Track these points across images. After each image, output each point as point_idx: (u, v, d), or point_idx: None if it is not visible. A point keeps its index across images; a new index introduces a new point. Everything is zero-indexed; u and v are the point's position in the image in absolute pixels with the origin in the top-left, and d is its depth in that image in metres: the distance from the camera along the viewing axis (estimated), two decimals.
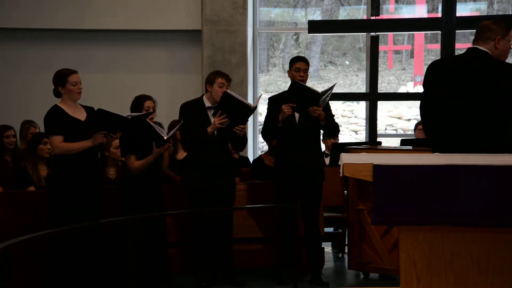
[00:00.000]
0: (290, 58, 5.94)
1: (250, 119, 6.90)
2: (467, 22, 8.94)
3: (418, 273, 3.32)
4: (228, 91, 5.49)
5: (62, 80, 5.13)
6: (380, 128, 9.42)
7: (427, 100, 4.23)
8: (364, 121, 9.56)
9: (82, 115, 5.18)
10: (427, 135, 4.34)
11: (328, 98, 5.68)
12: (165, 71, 8.87)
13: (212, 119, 5.53)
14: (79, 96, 5.17)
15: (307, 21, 9.07)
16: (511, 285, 3.23)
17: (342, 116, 10.42)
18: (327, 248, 7.05)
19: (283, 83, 9.97)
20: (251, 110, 5.52)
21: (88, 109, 5.25)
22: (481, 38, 4.09)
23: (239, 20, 8.63)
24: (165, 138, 5.20)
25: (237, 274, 5.76)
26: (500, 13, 9.35)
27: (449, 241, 3.30)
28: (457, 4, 8.61)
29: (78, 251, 5.04)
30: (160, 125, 5.63)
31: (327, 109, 5.73)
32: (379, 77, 9.14)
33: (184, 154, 6.55)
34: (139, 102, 5.40)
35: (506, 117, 3.95)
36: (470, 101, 3.96)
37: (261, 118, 8.02)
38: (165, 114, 6.87)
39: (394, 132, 9.83)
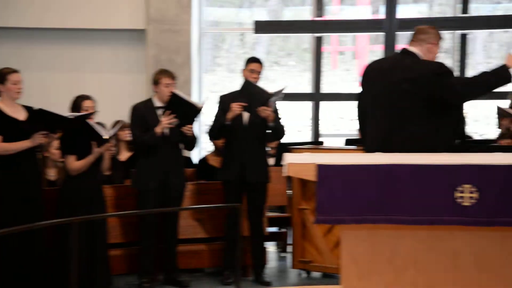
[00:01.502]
0: (247, 58, 5.95)
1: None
2: (409, 23, 9.10)
3: (359, 271, 3.36)
4: (176, 91, 5.47)
5: (2, 78, 5.02)
6: (326, 128, 9.50)
7: (361, 101, 4.27)
8: (309, 121, 9.63)
9: (21, 115, 5.07)
10: (361, 136, 4.37)
11: (278, 99, 5.71)
12: (109, 70, 8.76)
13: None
14: (18, 96, 5.06)
15: (253, 21, 9.10)
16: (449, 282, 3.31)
17: (287, 116, 10.46)
18: (270, 247, 7.08)
19: (229, 83, 9.96)
20: (198, 110, 5.50)
21: (28, 108, 5.14)
22: (416, 39, 4.13)
23: (184, 19, 8.59)
24: (105, 137, 5.13)
25: (181, 275, 5.73)
26: (440, 15, 9.54)
27: (389, 239, 3.35)
28: (399, 6, 8.76)
29: (17, 254, 4.92)
30: (102, 125, 5.56)
31: (276, 111, 5.75)
32: (324, 78, 9.22)
33: (127, 154, 6.48)
34: (77, 102, 5.32)
35: (434, 121, 3.94)
36: (398, 102, 3.97)
37: (206, 119, 8.00)
38: (109, 114, 6.78)
39: (340, 132, 9.94)
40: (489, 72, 3.93)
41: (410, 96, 3.90)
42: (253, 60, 5.85)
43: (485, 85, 3.92)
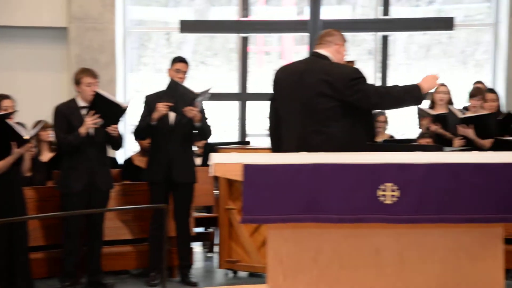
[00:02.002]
0: (173, 58, 5.90)
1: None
2: (332, 25, 9.25)
3: (285, 269, 3.39)
4: (100, 90, 5.38)
5: None
6: (253, 128, 9.54)
7: (273, 104, 4.31)
8: (236, 121, 9.66)
9: None
10: (271, 138, 4.39)
11: (205, 99, 5.70)
12: (30, 69, 8.53)
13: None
14: None
15: (179, 20, 9.05)
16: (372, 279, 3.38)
17: (214, 116, 10.46)
18: (197, 248, 7.07)
19: (155, 83, 9.87)
20: (123, 110, 5.43)
21: None
22: (324, 42, 4.19)
23: (108, 18, 8.46)
24: (26, 137, 5.00)
25: (105, 277, 5.65)
26: (363, 17, 9.74)
27: (314, 237, 3.40)
28: (323, 7, 8.89)
29: None
30: (22, 125, 5.42)
31: (202, 111, 5.74)
32: (250, 78, 9.27)
33: (49, 155, 6.33)
34: None
35: (350, 122, 4.00)
36: (315, 104, 4.03)
37: (131, 119, 7.89)
38: (30, 113, 6.60)
39: (266, 132, 9.98)
40: (403, 89, 3.98)
41: (326, 99, 3.97)
42: (178, 59, 5.82)
43: (397, 101, 4.00)
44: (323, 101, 3.97)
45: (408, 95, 3.95)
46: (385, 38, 9.24)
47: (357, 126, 4.04)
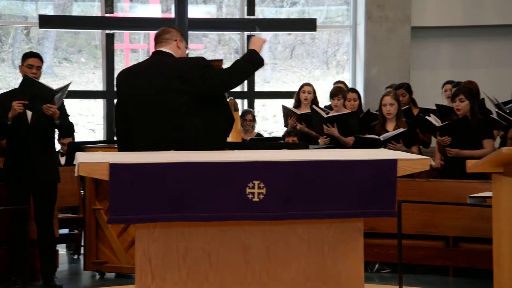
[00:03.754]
0: (22, 54, 5.70)
1: None
2: (198, 23, 9.30)
3: (153, 269, 3.36)
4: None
5: None
6: None
7: (120, 107, 4.28)
8: (102, 119, 9.45)
9: None
10: (118, 139, 4.37)
11: (64, 96, 5.53)
12: None
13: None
14: None
15: (38, 15, 8.72)
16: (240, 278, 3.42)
17: (79, 114, 10.21)
18: (62, 250, 6.86)
19: (13, 80, 9.46)
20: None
21: None
22: (163, 40, 4.22)
23: None
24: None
25: None
26: (229, 16, 9.84)
27: (183, 236, 3.39)
28: (189, 6, 8.89)
29: None
30: None
31: (62, 107, 5.57)
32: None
33: None
34: None
35: (209, 119, 4.05)
36: (170, 102, 4.03)
37: None
38: None
39: None
40: (243, 60, 4.12)
41: (181, 95, 3.99)
42: (30, 55, 5.62)
43: (246, 72, 4.14)
44: (177, 97, 4.00)
45: (251, 62, 4.10)
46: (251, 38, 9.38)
47: (215, 118, 4.10)
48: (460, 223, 5.60)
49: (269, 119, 10.11)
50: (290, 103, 7.46)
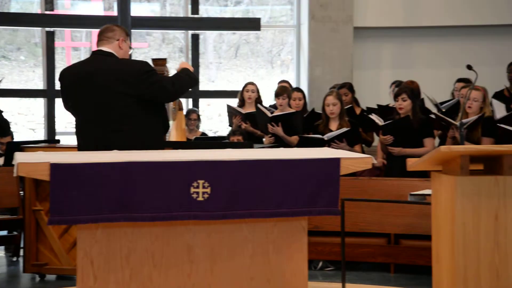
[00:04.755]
0: None
1: None
2: (142, 22, 9.20)
3: (95, 270, 3.32)
4: None
5: None
6: (64, 126, 9.23)
7: (68, 105, 4.22)
8: (43, 118, 9.26)
9: None
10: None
11: None
12: None
13: None
14: None
15: None
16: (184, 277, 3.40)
17: (19, 113, 10.01)
18: (0, 252, 6.70)
19: None
20: None
21: None
22: (104, 38, 4.16)
23: None
24: None
25: None
26: (173, 15, 9.77)
27: (126, 237, 3.36)
28: (132, 4, 8.79)
29: None
30: None
31: None
32: (58, 74, 8.92)
33: None
34: None
35: (148, 119, 4.05)
36: (112, 103, 4.00)
37: None
38: None
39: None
40: (182, 73, 4.14)
41: (122, 96, 3.97)
42: None
43: (187, 83, 4.15)
44: (118, 99, 3.97)
45: (191, 77, 4.15)
46: (195, 37, 9.35)
47: (155, 123, 4.10)
48: (401, 220, 5.70)
49: (214, 118, 10.08)
50: (235, 102, 7.45)
